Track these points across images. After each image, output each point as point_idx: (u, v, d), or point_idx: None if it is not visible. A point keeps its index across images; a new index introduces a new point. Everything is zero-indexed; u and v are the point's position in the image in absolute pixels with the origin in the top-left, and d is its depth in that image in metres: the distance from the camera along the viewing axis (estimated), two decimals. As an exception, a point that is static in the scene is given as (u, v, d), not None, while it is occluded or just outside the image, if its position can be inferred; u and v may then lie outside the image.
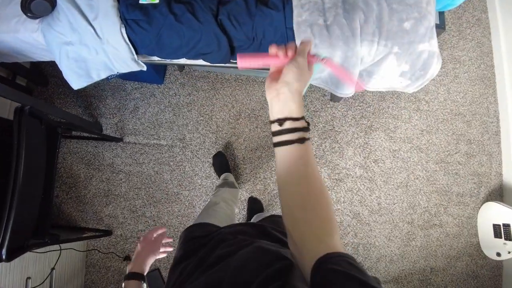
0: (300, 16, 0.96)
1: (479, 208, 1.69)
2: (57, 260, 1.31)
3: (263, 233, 0.63)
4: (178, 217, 1.64)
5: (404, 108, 1.74)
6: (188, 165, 1.67)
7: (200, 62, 1.15)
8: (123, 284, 0.69)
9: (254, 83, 1.74)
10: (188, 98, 1.72)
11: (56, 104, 1.74)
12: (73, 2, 1.03)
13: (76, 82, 1.14)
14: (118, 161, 1.69)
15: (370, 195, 1.67)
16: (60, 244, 1.31)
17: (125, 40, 1.04)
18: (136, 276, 0.70)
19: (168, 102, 1.72)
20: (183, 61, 1.15)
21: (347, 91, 1.13)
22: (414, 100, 1.76)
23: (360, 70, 1.10)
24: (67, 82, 1.16)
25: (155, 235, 0.79)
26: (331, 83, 1.13)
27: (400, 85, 1.21)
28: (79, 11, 1.02)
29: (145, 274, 0.72)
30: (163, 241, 0.81)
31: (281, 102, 0.42)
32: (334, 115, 1.70)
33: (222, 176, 1.53)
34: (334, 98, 1.69)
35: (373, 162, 1.68)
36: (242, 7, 0.97)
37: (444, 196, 1.69)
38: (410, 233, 1.66)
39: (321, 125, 1.70)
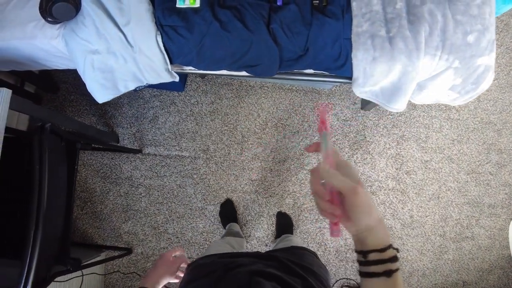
0: (360, 26, 0.88)
1: (511, 219, 1.65)
2: (80, 287, 1.20)
3: (285, 268, 0.58)
4: (203, 234, 1.55)
5: (435, 117, 1.69)
6: (212, 178, 1.57)
7: (241, 73, 1.06)
8: None
9: (280, 91, 1.65)
10: (211, 107, 1.62)
11: (68, 112, 1.61)
12: (101, 5, 0.92)
13: (102, 95, 1.03)
14: (137, 174, 1.58)
15: (402, 208, 1.61)
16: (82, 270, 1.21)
17: (160, 49, 0.93)
18: None
19: (190, 111, 1.62)
20: (222, 72, 1.06)
21: (400, 105, 1.05)
22: (444, 108, 1.70)
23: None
24: (79, 89, 1.05)
25: (173, 255, 0.74)
26: (382, 97, 1.05)
27: (447, 99, 1.14)
28: (107, 15, 0.91)
29: None
30: (182, 265, 0.75)
31: (360, 240, 0.38)
32: (365, 124, 1.63)
33: (227, 227, 1.44)
34: (365, 107, 1.61)
35: (405, 174, 1.63)
36: (297, 15, 0.88)
37: (475, 208, 1.65)
38: (442, 246, 1.61)
39: (352, 135, 1.62)
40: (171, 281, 0.71)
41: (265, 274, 0.50)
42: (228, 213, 1.52)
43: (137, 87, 1.08)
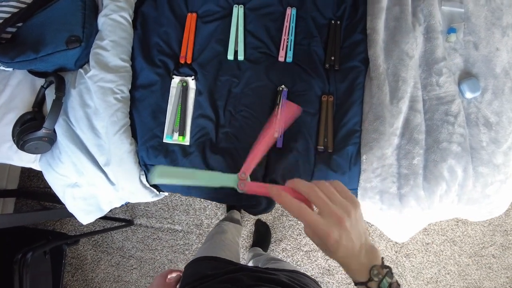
0: (368, 182, 0.79)
1: (509, 304, 1.62)
2: None
3: None
4: (194, 310, 1.53)
5: (441, 196, 1.60)
6: (205, 254, 1.53)
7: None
8: None
9: (280, 163, 1.56)
10: (206, 178, 1.54)
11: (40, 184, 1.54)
12: (78, 140, 0.81)
13: (85, 218, 0.95)
14: (128, 245, 1.54)
15: (398, 291, 1.57)
16: None
17: (145, 186, 0.85)
18: None
19: (185, 182, 1.54)
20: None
21: (401, 238, 0.97)
22: (452, 186, 1.61)
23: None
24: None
25: (170, 276, 0.66)
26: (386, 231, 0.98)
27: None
28: (85, 152, 0.81)
29: None
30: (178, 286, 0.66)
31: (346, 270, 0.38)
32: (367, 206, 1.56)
33: (228, 213, 1.41)
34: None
35: (405, 257, 1.57)
36: (297, 165, 0.79)
37: (474, 292, 1.61)
38: (436, 329, 1.59)
39: (352, 216, 1.55)
40: None
41: None
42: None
43: (123, 204, 1.00)
